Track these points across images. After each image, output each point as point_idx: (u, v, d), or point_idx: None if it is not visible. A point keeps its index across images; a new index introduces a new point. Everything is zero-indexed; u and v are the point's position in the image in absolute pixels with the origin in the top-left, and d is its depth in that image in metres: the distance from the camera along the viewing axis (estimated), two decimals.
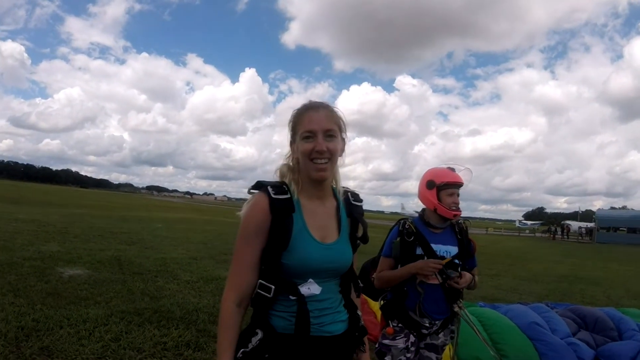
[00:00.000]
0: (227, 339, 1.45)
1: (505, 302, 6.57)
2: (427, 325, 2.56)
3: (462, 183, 2.68)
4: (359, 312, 1.68)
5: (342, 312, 1.58)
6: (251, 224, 1.47)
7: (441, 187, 2.63)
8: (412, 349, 2.56)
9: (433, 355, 2.62)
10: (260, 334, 1.46)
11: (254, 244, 1.47)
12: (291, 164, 1.59)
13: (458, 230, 2.70)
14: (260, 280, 1.48)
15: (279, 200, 1.47)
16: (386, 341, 2.58)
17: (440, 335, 2.63)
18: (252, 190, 1.53)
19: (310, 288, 1.48)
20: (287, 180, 1.54)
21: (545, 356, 4.29)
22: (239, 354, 1.44)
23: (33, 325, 4.20)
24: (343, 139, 1.58)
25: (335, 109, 1.56)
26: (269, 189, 1.49)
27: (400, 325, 2.57)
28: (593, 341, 4.96)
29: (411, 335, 2.56)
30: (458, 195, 2.65)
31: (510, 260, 16.79)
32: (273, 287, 1.46)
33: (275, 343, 1.45)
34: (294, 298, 1.46)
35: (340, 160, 1.58)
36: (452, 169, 2.71)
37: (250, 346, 1.45)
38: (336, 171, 1.59)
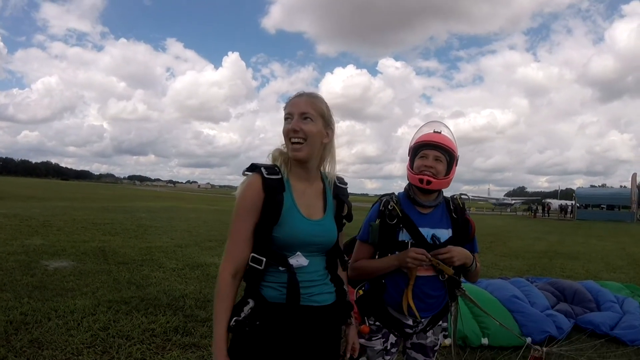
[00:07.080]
0: (222, 308, 1.54)
1: (486, 278, 6.72)
2: (411, 324, 2.12)
3: (440, 143, 2.09)
4: (346, 288, 1.80)
5: (330, 285, 1.70)
6: (247, 202, 1.58)
7: (416, 150, 2.15)
8: (393, 350, 2.17)
9: (420, 357, 2.20)
10: (251, 303, 1.56)
11: (249, 220, 1.58)
12: (284, 149, 1.70)
13: (453, 208, 2.16)
14: (252, 254, 1.58)
15: (271, 180, 1.59)
16: (362, 341, 2.05)
17: (429, 333, 2.18)
18: (246, 172, 1.64)
19: (299, 260, 1.59)
20: (278, 163, 1.66)
21: (525, 327, 4.45)
22: (232, 322, 1.53)
23: (21, 319, 4.21)
24: (326, 128, 1.68)
25: (317, 97, 1.68)
26: (262, 169, 1.60)
27: (377, 323, 2.14)
28: (572, 312, 5.15)
29: (391, 335, 2.15)
30: (439, 160, 2.08)
31: (492, 238, 17.04)
32: (264, 259, 1.57)
33: (266, 311, 1.55)
34: (284, 269, 1.57)
35: (328, 148, 1.71)
36: (438, 132, 2.15)
37: (242, 315, 1.54)
38: (326, 156, 1.72)
